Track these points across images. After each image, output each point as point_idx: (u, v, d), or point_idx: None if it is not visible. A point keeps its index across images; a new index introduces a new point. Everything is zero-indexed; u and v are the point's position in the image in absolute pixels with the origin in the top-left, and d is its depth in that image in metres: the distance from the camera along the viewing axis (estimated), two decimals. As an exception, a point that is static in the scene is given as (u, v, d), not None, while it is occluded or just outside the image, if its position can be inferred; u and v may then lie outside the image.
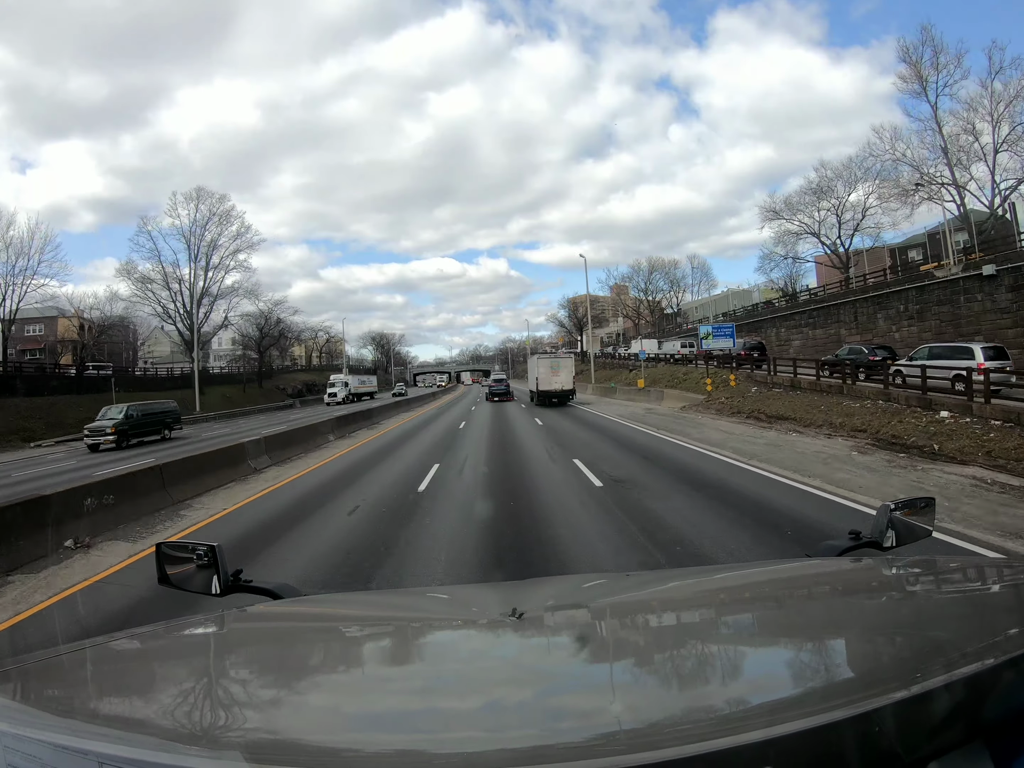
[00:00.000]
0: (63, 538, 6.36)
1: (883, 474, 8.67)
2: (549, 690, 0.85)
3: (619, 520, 6.56)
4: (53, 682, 0.98)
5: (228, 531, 6.96)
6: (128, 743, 0.66)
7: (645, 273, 66.09)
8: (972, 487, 7.60)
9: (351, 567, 5.34)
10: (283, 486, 10.12)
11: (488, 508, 7.30)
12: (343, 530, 6.74)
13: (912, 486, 7.72)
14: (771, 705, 0.72)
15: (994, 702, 0.66)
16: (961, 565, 1.66)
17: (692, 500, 7.40)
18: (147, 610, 4.34)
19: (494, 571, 5.00)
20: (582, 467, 10.05)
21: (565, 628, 1.15)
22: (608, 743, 0.65)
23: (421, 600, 1.74)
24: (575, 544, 5.72)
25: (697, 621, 1.19)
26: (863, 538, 1.47)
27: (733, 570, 2.20)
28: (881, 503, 1.49)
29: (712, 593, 1.40)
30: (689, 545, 5.47)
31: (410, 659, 1.08)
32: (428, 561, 5.43)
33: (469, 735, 0.73)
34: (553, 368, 28.44)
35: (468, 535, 6.23)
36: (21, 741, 0.66)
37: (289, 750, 0.68)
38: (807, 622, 1.09)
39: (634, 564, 4.99)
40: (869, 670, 0.83)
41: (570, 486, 8.69)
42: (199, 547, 1.34)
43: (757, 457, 10.48)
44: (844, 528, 1.62)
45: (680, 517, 6.53)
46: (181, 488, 9.08)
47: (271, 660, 1.08)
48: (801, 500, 7.21)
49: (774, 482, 8.41)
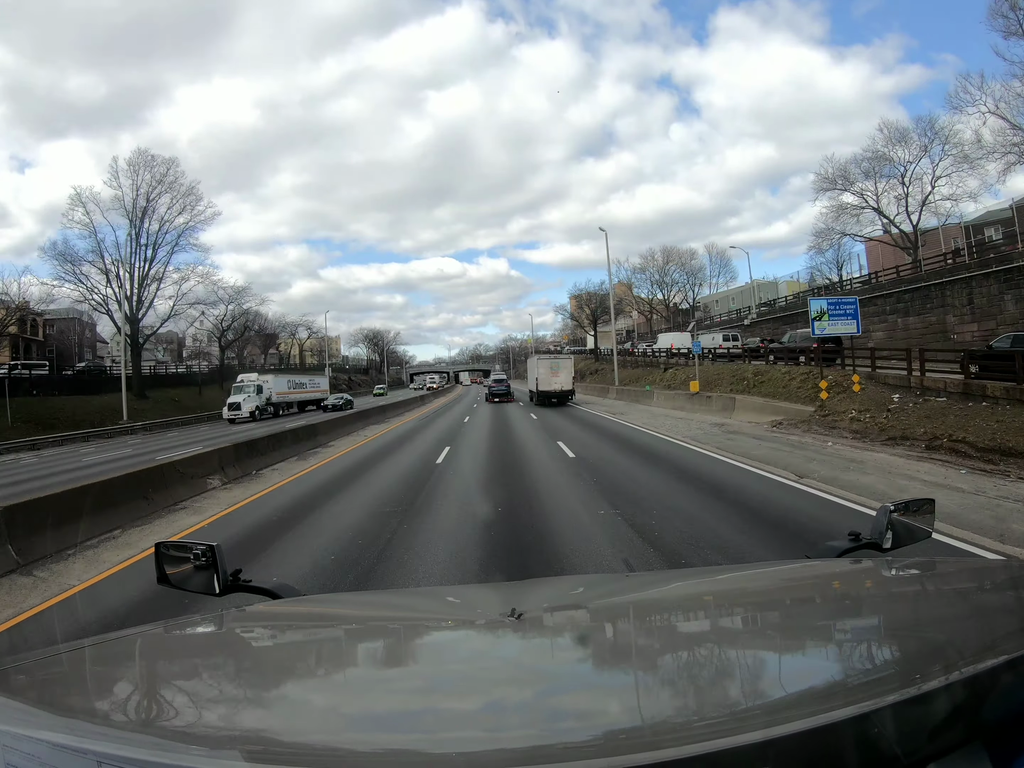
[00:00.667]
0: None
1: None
2: (549, 690, 0.84)
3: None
4: (52, 681, 0.96)
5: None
6: (127, 743, 0.66)
7: (660, 264, 58.96)
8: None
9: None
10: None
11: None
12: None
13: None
14: (770, 706, 0.72)
15: (993, 703, 0.66)
16: (960, 566, 1.73)
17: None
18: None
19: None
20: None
21: (564, 628, 1.13)
22: (608, 743, 0.65)
23: (420, 600, 1.70)
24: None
25: (697, 622, 1.19)
26: (863, 539, 1.43)
27: (733, 571, 2.10)
28: (881, 504, 1.45)
29: (712, 594, 1.37)
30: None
31: (409, 659, 1.06)
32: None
33: (469, 735, 0.72)
34: (553, 369, 28.33)
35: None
36: (20, 740, 0.65)
37: (288, 750, 0.67)
38: (807, 623, 1.09)
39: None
40: (868, 671, 0.83)
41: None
42: (198, 547, 1.31)
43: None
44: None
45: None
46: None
47: (270, 660, 1.08)
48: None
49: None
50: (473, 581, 4.22)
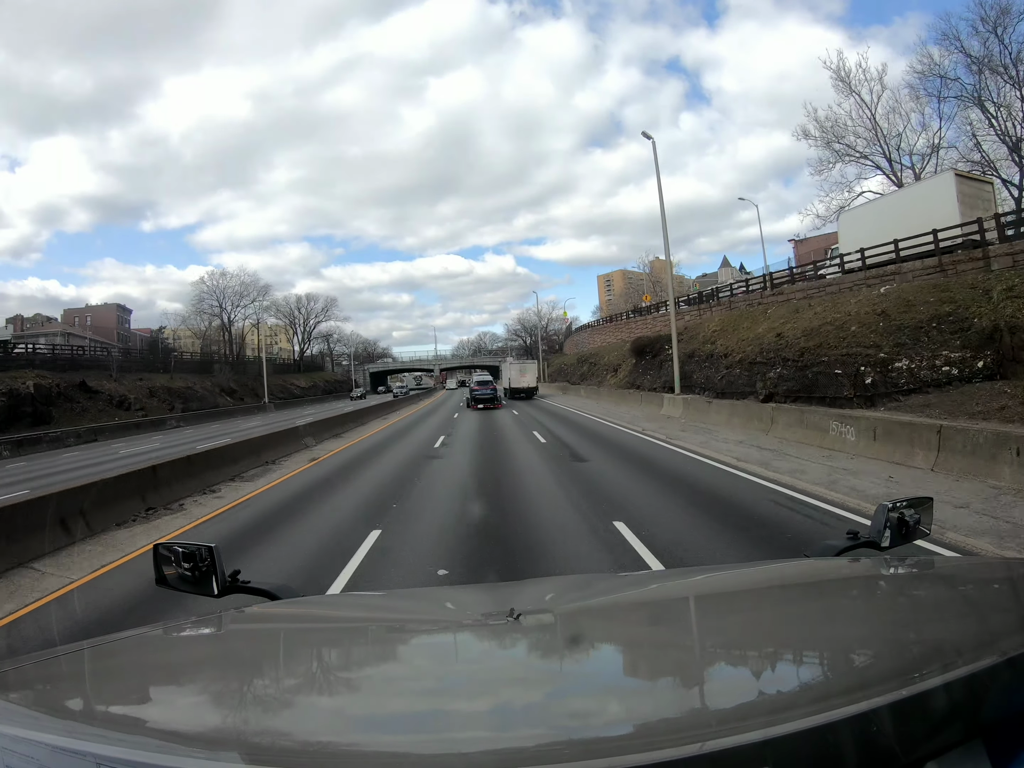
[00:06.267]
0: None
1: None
2: (548, 691, 0.84)
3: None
4: (50, 683, 0.96)
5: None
6: (126, 744, 0.66)
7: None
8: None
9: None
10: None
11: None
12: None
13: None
14: (769, 705, 0.72)
15: (992, 702, 0.66)
16: (959, 565, 1.81)
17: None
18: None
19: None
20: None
21: (563, 629, 1.11)
22: (607, 743, 0.65)
23: (419, 601, 1.66)
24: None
25: (695, 621, 1.18)
26: (861, 538, 1.44)
27: (731, 569, 2.10)
28: (879, 503, 1.45)
29: (710, 593, 1.37)
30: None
31: (408, 660, 1.07)
32: None
33: (468, 736, 0.72)
34: (521, 371, 37.89)
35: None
36: (19, 742, 0.65)
37: (287, 751, 0.67)
38: (805, 622, 1.09)
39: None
40: (867, 670, 0.83)
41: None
42: (197, 548, 1.31)
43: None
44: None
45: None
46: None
47: (268, 661, 1.07)
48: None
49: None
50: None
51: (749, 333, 19.39)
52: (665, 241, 20.90)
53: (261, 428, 20.77)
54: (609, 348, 40.91)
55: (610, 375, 34.99)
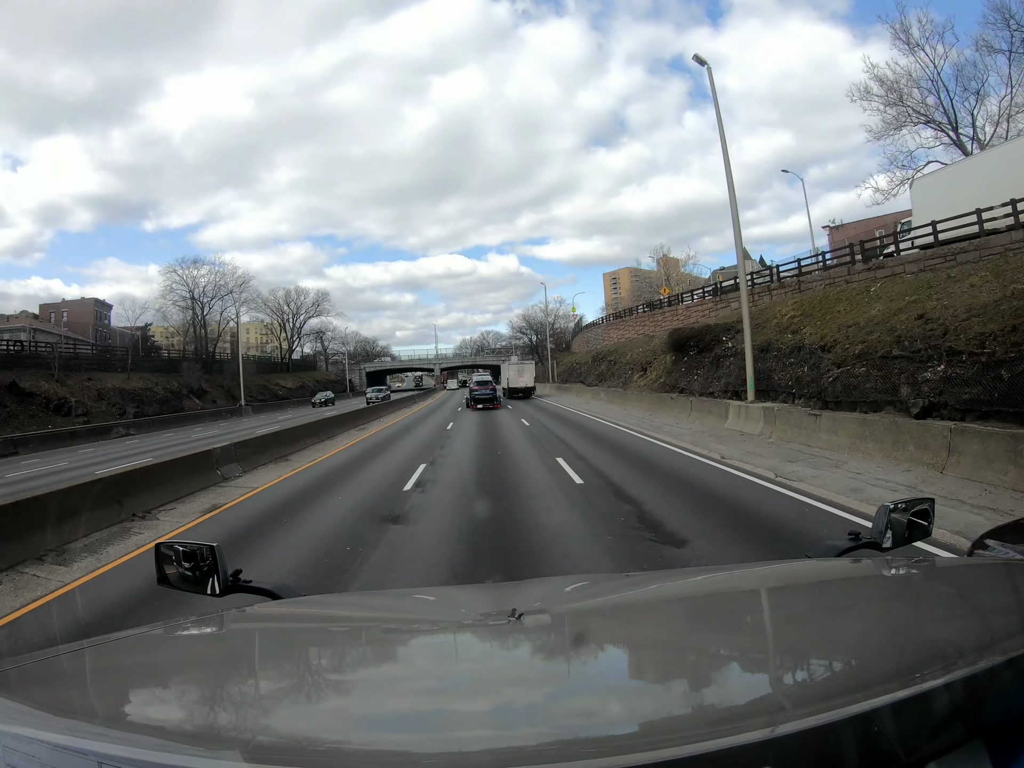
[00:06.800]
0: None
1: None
2: (549, 691, 0.84)
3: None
4: (52, 682, 0.96)
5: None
6: (127, 743, 0.66)
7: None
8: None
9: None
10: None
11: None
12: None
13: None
14: (771, 705, 0.72)
15: (993, 702, 0.66)
16: (960, 566, 1.73)
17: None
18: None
19: None
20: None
21: (564, 629, 1.12)
22: (608, 743, 0.65)
23: (419, 601, 1.69)
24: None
25: (696, 621, 1.18)
26: (862, 538, 1.44)
27: (732, 569, 2.06)
28: (881, 503, 1.44)
29: (712, 593, 1.37)
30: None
31: (409, 660, 1.07)
32: None
33: (468, 735, 0.72)
34: (519, 372, 38.49)
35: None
36: (20, 741, 0.65)
37: (288, 750, 0.67)
38: (806, 622, 1.09)
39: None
40: (868, 670, 0.81)
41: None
42: (198, 547, 1.31)
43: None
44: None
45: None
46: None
47: (269, 660, 1.08)
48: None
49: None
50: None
51: (856, 317, 13.85)
52: (731, 193, 15.55)
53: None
54: (631, 344, 35.28)
55: (637, 375, 29.04)
